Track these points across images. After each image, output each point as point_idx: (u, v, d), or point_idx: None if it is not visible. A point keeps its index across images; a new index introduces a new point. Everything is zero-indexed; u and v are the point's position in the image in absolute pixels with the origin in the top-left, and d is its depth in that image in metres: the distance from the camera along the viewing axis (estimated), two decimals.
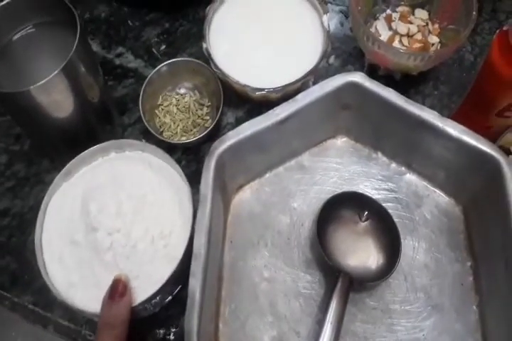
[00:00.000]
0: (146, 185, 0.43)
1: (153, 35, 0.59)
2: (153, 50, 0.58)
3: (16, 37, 0.45)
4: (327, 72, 0.57)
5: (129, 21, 0.60)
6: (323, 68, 0.56)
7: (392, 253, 0.44)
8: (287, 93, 0.50)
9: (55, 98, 0.41)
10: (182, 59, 0.53)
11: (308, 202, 0.48)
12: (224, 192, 0.46)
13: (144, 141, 0.51)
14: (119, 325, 0.38)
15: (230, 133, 0.44)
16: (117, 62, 0.58)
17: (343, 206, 0.46)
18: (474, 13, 0.49)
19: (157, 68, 0.52)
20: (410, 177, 0.49)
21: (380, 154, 0.50)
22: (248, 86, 0.49)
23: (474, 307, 0.44)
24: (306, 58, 0.50)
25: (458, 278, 0.45)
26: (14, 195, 0.52)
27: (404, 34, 0.55)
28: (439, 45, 0.55)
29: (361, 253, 0.45)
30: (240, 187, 0.49)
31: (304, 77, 0.49)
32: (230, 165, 0.45)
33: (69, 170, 0.44)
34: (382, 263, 0.44)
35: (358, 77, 0.45)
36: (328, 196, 0.46)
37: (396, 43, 0.54)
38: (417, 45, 0.54)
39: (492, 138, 0.46)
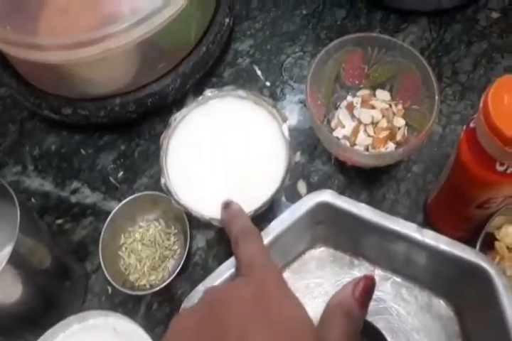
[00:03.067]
0: None
1: (109, 162, 0.56)
2: (111, 179, 0.55)
3: None
4: (295, 170, 0.54)
5: (82, 150, 0.57)
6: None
7: None
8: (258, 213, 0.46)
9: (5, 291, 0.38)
10: (141, 194, 0.50)
11: None
12: None
13: (109, 289, 0.47)
14: (254, 229, 0.37)
15: (199, 286, 0.39)
16: (73, 199, 0.54)
17: None
18: (437, 97, 0.45)
19: (116, 208, 0.48)
20: (397, 280, 0.45)
21: (362, 260, 0.46)
22: (214, 219, 0.45)
23: None
24: (271, 175, 0.46)
25: None
26: None
27: (368, 123, 0.52)
28: (406, 128, 0.52)
29: None
30: None
31: (272, 198, 0.45)
32: None
33: None
34: None
35: (328, 196, 0.42)
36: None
37: (361, 134, 0.51)
38: (384, 133, 0.51)
39: (473, 225, 0.43)
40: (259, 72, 0.60)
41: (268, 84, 0.60)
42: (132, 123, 0.57)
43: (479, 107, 0.35)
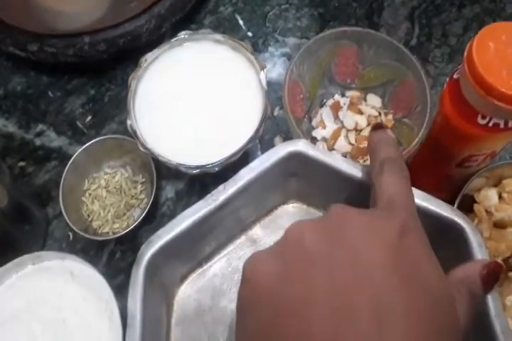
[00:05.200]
0: (68, 306, 0.37)
1: (78, 106, 0.53)
2: (78, 124, 0.52)
3: None
4: (273, 124, 0.52)
5: (50, 92, 0.54)
6: (268, 121, 0.50)
7: None
8: (229, 163, 0.44)
9: None
10: (107, 137, 0.47)
11: None
12: (163, 291, 0.40)
13: (71, 235, 0.45)
14: (404, 166, 0.31)
15: (160, 231, 0.37)
16: (38, 142, 0.51)
17: None
18: (428, 113, 0.41)
19: (78, 151, 0.46)
20: None
21: None
22: (182, 164, 0.43)
23: None
24: (245, 124, 0.44)
25: None
26: None
27: (351, 129, 0.47)
28: None
29: None
30: (184, 278, 0.43)
31: (244, 147, 0.43)
32: (165, 265, 0.39)
33: None
34: None
35: (302, 146, 0.39)
36: None
37: (341, 139, 0.47)
38: (366, 143, 0.45)
39: (454, 186, 0.42)
40: (241, 22, 0.58)
41: (250, 34, 0.57)
42: (104, 67, 0.55)
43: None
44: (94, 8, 0.48)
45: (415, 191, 0.37)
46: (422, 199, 0.37)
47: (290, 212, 0.46)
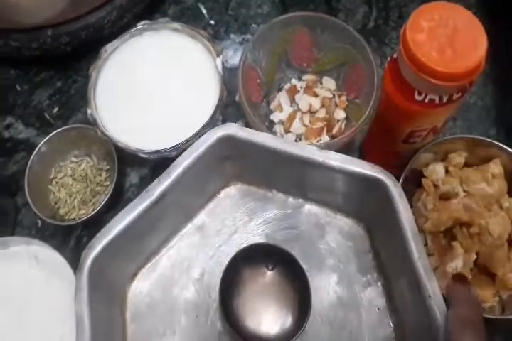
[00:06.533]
0: (32, 288, 0.38)
1: (45, 98, 0.54)
2: (46, 115, 0.53)
3: None
4: (235, 110, 0.52)
5: (17, 85, 0.55)
6: (234, 105, 0.51)
7: (304, 304, 0.40)
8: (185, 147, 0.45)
9: None
10: (70, 126, 0.49)
11: (211, 268, 0.43)
12: (113, 291, 0.41)
13: (39, 222, 0.46)
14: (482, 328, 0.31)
15: (99, 234, 0.38)
16: (6, 135, 0.52)
17: (247, 262, 0.41)
18: (375, 92, 0.42)
19: (42, 142, 0.47)
20: (309, 207, 0.45)
21: (275, 191, 0.46)
22: (140, 150, 0.44)
23: (391, 330, 0.41)
24: (202, 110, 0.46)
25: (373, 303, 0.42)
26: None
27: (305, 111, 0.49)
28: (345, 122, 0.49)
29: (272, 311, 0.41)
30: (134, 275, 0.43)
31: (199, 132, 0.44)
32: (111, 265, 0.39)
33: None
34: (295, 317, 0.40)
35: (230, 129, 0.40)
36: (232, 254, 0.41)
37: (296, 121, 0.48)
38: (319, 124, 0.48)
39: (403, 162, 0.43)
40: (204, 11, 0.59)
41: (212, 22, 0.58)
42: (71, 59, 0.56)
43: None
44: (54, 0, 0.49)
45: (338, 155, 0.39)
46: (345, 162, 0.39)
47: (232, 194, 0.46)
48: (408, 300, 0.38)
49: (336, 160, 0.39)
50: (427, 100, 0.35)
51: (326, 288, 0.42)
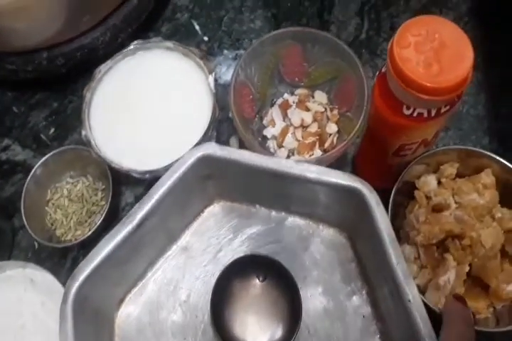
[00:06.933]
0: (27, 312, 0.38)
1: (41, 119, 0.55)
2: (42, 136, 0.54)
3: None
4: (229, 126, 0.52)
5: (14, 107, 0.56)
6: (228, 121, 0.52)
7: (294, 315, 0.40)
8: None
9: None
10: (65, 148, 0.49)
11: (197, 288, 0.43)
12: (100, 318, 0.40)
13: (36, 244, 0.46)
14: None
15: (82, 263, 0.38)
16: (3, 157, 0.53)
17: (239, 274, 0.41)
18: (365, 106, 0.42)
19: (37, 164, 0.47)
20: (292, 220, 0.45)
21: (258, 206, 0.45)
22: (133, 170, 0.44)
23: (377, 338, 0.40)
24: (195, 128, 0.46)
25: (359, 311, 0.41)
26: None
27: (297, 126, 0.49)
28: (337, 135, 0.48)
29: (263, 324, 0.40)
30: (121, 300, 0.43)
31: None
32: (96, 292, 0.39)
33: None
34: (285, 329, 0.40)
35: (209, 149, 0.40)
36: (218, 273, 0.41)
37: (289, 136, 0.49)
38: (311, 139, 0.48)
39: (396, 174, 0.43)
40: (197, 27, 0.59)
41: (206, 38, 0.58)
42: (67, 80, 0.56)
43: None
44: (47, 24, 0.50)
45: (315, 167, 0.39)
46: (322, 173, 0.38)
47: (216, 212, 0.46)
48: (391, 307, 0.38)
49: (313, 172, 0.39)
50: (415, 114, 0.35)
51: (311, 299, 0.42)
